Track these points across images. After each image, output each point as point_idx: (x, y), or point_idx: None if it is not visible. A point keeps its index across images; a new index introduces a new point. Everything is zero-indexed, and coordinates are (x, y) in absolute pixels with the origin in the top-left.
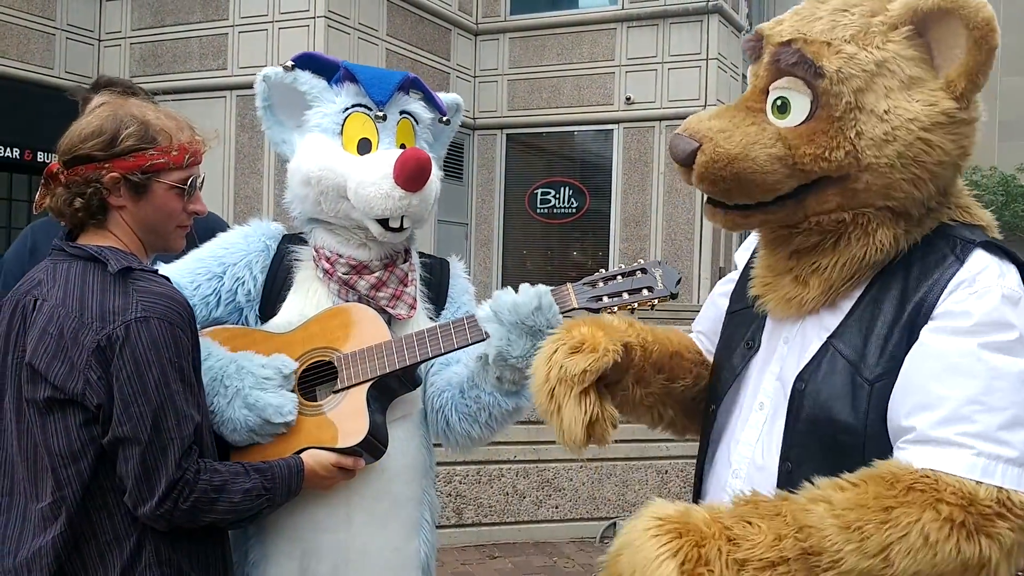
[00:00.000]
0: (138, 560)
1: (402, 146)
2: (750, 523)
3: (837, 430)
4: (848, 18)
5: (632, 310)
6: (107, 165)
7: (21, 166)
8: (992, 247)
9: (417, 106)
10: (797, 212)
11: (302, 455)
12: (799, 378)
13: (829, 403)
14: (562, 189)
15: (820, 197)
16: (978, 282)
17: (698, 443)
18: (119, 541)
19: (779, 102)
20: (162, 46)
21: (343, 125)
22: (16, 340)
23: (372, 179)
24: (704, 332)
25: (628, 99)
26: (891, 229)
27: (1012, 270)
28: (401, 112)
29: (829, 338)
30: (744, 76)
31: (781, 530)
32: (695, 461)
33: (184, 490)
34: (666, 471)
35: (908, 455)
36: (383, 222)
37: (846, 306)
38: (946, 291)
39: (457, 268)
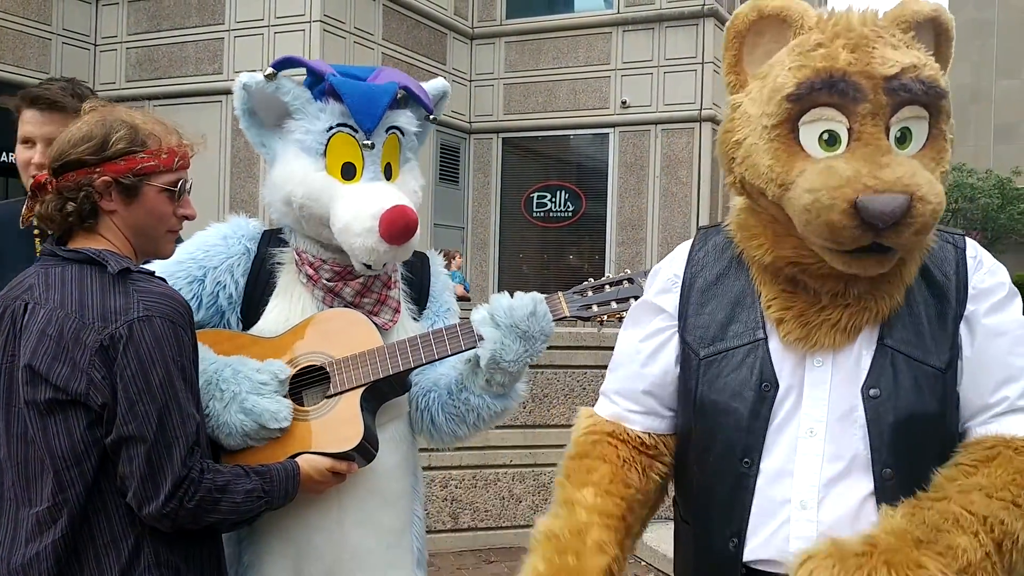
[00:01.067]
0: (136, 562)
1: (387, 167)
2: (940, 531)
3: (926, 424)
4: (895, 37)
5: (620, 318)
6: (98, 169)
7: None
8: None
9: (404, 119)
10: None
11: (297, 459)
12: (867, 387)
13: (911, 402)
14: (558, 193)
15: None
16: (984, 263)
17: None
18: (116, 544)
19: (899, 134)
20: (158, 51)
21: (327, 145)
22: (5, 345)
23: (357, 229)
24: (651, 393)
25: (624, 103)
26: None
27: (979, 246)
28: (388, 129)
29: (881, 342)
30: None
31: (970, 528)
32: (696, 527)
33: (189, 489)
34: None
35: (1002, 427)
36: (365, 263)
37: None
38: (969, 269)
39: (437, 264)
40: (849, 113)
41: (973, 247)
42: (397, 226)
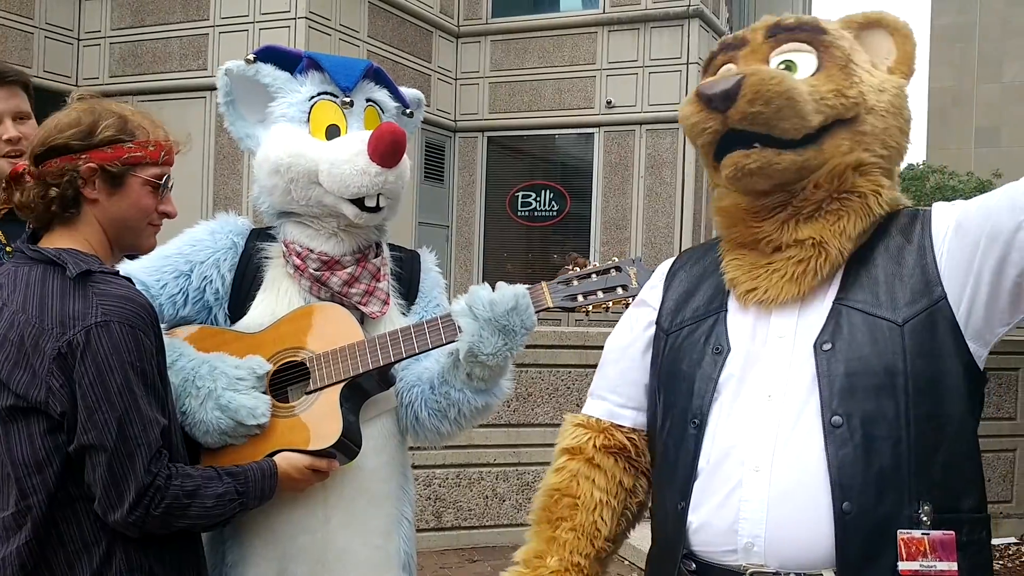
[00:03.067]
0: (108, 567)
1: None
2: None
3: (881, 374)
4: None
5: (607, 308)
6: (84, 156)
7: None
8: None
9: (382, 95)
10: (819, 156)
11: (275, 458)
12: (820, 342)
13: (865, 351)
14: (543, 192)
15: (835, 139)
16: (944, 208)
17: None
18: (88, 548)
19: (783, 65)
20: (142, 46)
21: (310, 113)
22: None
23: (346, 156)
24: (639, 385)
25: (609, 103)
26: (887, 188)
27: None
28: (367, 100)
29: (836, 302)
30: None
31: None
32: (654, 494)
33: (156, 496)
34: None
35: None
36: (358, 202)
37: (836, 278)
38: (932, 222)
39: (428, 261)
40: (737, 60)
41: (938, 207)
42: (385, 139)
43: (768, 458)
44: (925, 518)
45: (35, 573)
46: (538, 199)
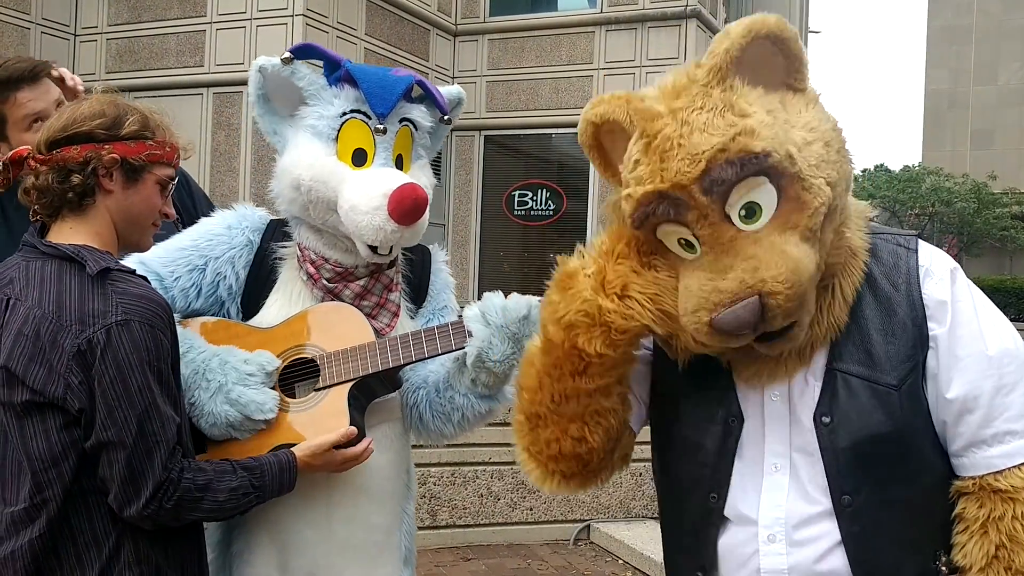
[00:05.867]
0: (117, 560)
1: (399, 158)
2: None
3: (881, 445)
4: (700, 111)
5: None
6: (107, 146)
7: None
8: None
9: (418, 112)
10: (819, 268)
11: (293, 448)
12: (819, 415)
13: (864, 422)
14: (539, 191)
15: (824, 241)
16: (934, 272)
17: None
18: (98, 542)
19: (743, 212)
20: (139, 42)
21: (339, 131)
22: None
23: (365, 208)
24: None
25: None
26: (848, 228)
27: (933, 247)
28: (401, 120)
29: (830, 366)
30: None
31: None
32: (665, 550)
33: (169, 489)
34: (640, 473)
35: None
36: (372, 246)
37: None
38: (921, 277)
39: (438, 259)
40: (684, 223)
41: (925, 254)
42: (406, 203)
43: (782, 530)
44: (945, 568)
45: (45, 565)
46: (535, 198)
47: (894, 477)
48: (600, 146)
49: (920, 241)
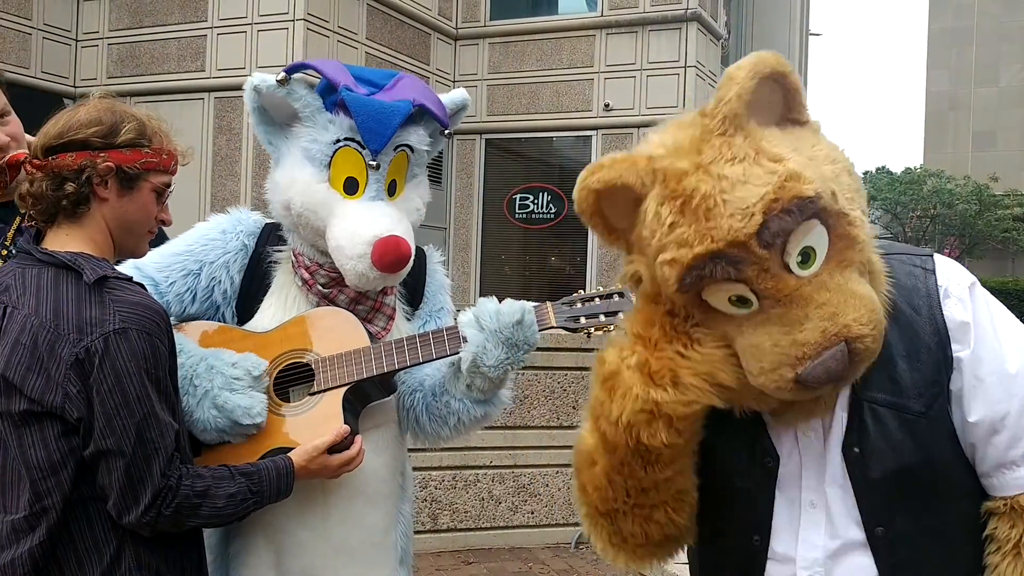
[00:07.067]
0: (118, 566)
1: (392, 183)
2: None
3: (911, 474)
4: (734, 163)
5: (608, 331)
6: (103, 154)
7: None
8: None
9: (415, 137)
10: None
11: (290, 454)
12: (847, 446)
13: (893, 452)
14: (540, 195)
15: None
16: (952, 291)
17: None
18: (99, 548)
19: (800, 258)
20: (140, 47)
21: (332, 157)
22: None
23: (350, 253)
24: None
25: (607, 106)
26: (869, 239)
27: (951, 261)
28: (397, 148)
29: (855, 395)
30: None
31: None
32: None
33: (167, 497)
34: None
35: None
36: None
37: None
38: (941, 298)
39: (433, 260)
40: (743, 279)
41: (943, 273)
42: (389, 258)
43: (821, 570)
44: None
45: (46, 573)
46: (536, 201)
47: (927, 506)
48: (601, 212)
49: (936, 258)
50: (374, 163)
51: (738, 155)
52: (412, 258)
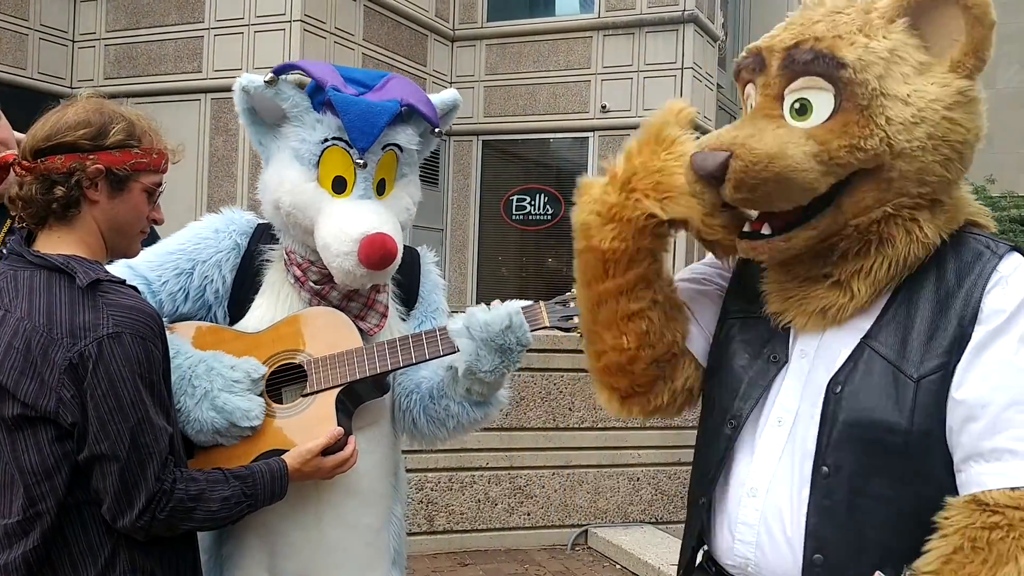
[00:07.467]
0: (112, 569)
1: (381, 182)
2: None
3: (881, 430)
4: (846, 16)
5: None
6: (92, 156)
7: None
8: (1021, 251)
9: (404, 136)
10: (837, 219)
11: (284, 456)
12: (834, 381)
13: (871, 403)
14: (537, 196)
15: (856, 196)
16: (1011, 282)
17: (692, 460)
18: (93, 552)
19: (797, 105)
20: (137, 48)
21: (320, 156)
22: None
23: (336, 251)
24: (683, 289)
25: (604, 107)
26: (930, 221)
27: None
28: (385, 147)
29: (863, 339)
30: (719, 85)
31: None
32: (690, 477)
33: (161, 500)
34: (638, 478)
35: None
36: None
37: (876, 308)
38: (991, 282)
39: (428, 261)
40: (756, 85)
41: (1011, 264)
42: (375, 255)
43: (764, 486)
44: None
45: (39, 574)
46: (533, 203)
47: (883, 471)
48: None
49: (1015, 254)
50: (361, 162)
51: (856, 21)
52: (400, 256)
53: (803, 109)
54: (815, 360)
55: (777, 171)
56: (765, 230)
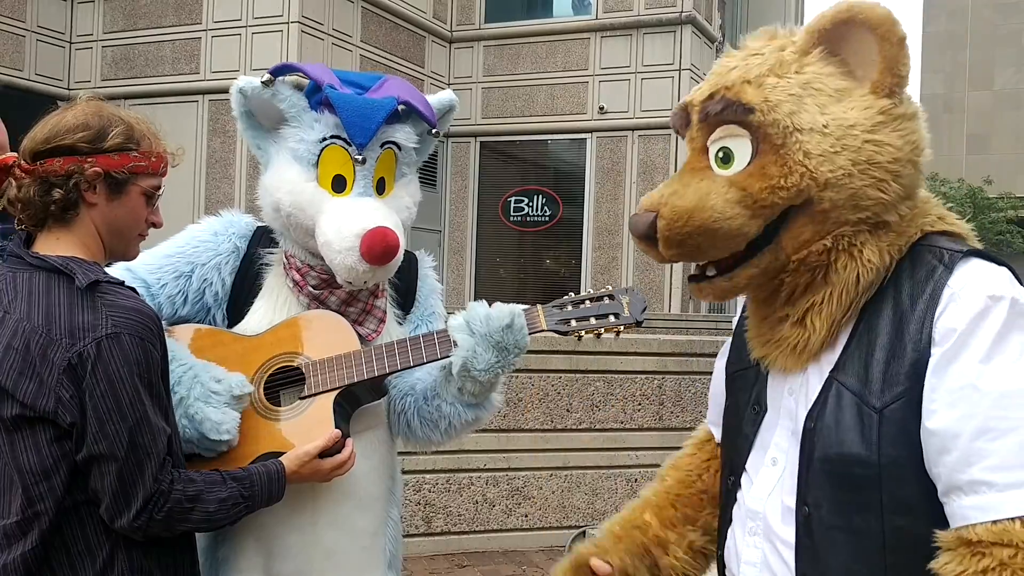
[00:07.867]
0: (111, 570)
1: (380, 180)
2: None
3: (850, 464)
4: (759, 58)
5: (599, 335)
6: (90, 159)
7: None
8: (979, 254)
9: (402, 134)
10: (778, 256)
11: (281, 458)
12: (808, 418)
13: (839, 438)
14: (535, 197)
15: (793, 231)
16: (961, 297)
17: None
18: (92, 552)
19: (721, 154)
20: (134, 49)
21: (319, 155)
22: None
23: (338, 247)
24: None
25: (601, 108)
26: (875, 243)
27: (1002, 271)
28: (383, 144)
29: (831, 373)
30: None
31: None
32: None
33: (159, 501)
34: (636, 479)
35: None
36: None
37: (842, 339)
38: (944, 302)
39: (425, 265)
40: (685, 140)
41: (961, 278)
42: (377, 248)
43: (762, 527)
44: None
45: (38, 574)
46: (531, 204)
47: (861, 506)
48: None
49: (969, 261)
50: (360, 158)
51: (768, 61)
52: (402, 251)
53: (726, 157)
54: (799, 398)
55: (698, 224)
56: (710, 271)
